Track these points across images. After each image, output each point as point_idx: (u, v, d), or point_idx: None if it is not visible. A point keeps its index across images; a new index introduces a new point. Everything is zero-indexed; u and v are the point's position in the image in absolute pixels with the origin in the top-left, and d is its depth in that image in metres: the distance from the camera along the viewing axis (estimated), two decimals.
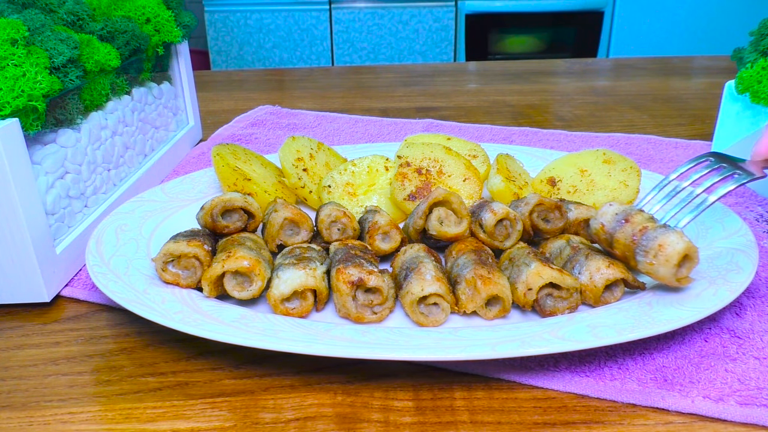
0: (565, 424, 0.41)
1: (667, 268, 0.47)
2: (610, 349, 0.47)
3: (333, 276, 0.50)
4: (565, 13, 3.15)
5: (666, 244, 0.47)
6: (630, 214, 0.52)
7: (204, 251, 0.53)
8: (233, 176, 0.69)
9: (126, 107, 0.74)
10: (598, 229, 0.54)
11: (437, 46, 3.15)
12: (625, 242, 0.51)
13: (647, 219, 0.51)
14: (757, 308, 0.52)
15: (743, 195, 0.74)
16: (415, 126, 1.07)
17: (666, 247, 0.47)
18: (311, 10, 3.05)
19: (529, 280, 0.49)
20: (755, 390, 0.43)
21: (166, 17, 0.83)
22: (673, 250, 0.47)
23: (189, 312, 0.47)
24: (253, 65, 3.12)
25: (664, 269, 0.48)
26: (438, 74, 1.54)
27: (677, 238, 0.47)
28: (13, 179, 0.50)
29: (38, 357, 0.49)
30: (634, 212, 0.52)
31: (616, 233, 0.52)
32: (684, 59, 1.66)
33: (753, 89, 0.72)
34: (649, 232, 0.49)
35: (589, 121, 1.12)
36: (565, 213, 0.59)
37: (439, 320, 0.49)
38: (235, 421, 0.42)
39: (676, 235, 0.48)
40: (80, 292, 0.58)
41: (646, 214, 0.52)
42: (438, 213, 0.58)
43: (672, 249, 0.47)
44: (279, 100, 1.27)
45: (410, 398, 0.44)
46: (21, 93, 0.51)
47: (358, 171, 0.72)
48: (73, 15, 0.66)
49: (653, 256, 0.48)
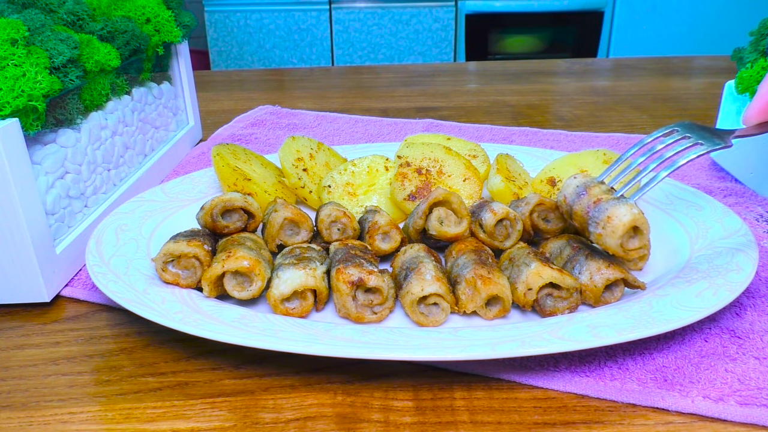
0: (565, 424, 0.41)
1: (613, 239, 0.48)
2: (610, 349, 0.47)
3: (333, 276, 0.50)
4: (565, 13, 3.15)
5: (614, 215, 0.48)
6: (589, 186, 0.53)
7: (204, 251, 0.53)
8: (233, 176, 0.69)
9: (126, 107, 0.74)
10: (561, 202, 0.55)
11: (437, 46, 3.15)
12: (581, 214, 0.52)
13: (605, 191, 0.52)
14: (757, 308, 0.52)
15: (743, 195, 0.74)
16: (415, 126, 1.07)
17: (613, 219, 0.48)
18: (311, 10, 3.05)
19: (529, 280, 0.49)
20: (755, 390, 0.43)
21: (166, 17, 0.83)
22: (619, 221, 0.48)
23: (189, 312, 0.47)
24: (253, 65, 3.13)
25: (610, 240, 0.49)
26: (438, 74, 1.54)
27: (626, 210, 0.48)
28: (13, 179, 0.50)
29: (38, 357, 0.49)
30: (594, 184, 0.53)
31: (575, 205, 0.53)
32: (684, 59, 1.66)
33: (753, 89, 0.72)
34: (601, 204, 0.50)
35: (589, 121, 1.12)
36: None
37: (439, 320, 0.49)
38: (235, 421, 0.42)
39: (626, 206, 0.48)
40: (80, 292, 0.58)
41: (605, 186, 0.53)
42: (438, 213, 0.58)
43: (618, 220, 0.48)
44: (279, 100, 1.27)
45: (410, 398, 0.44)
46: (21, 93, 0.51)
47: (358, 171, 0.72)
48: (73, 15, 0.66)
49: (602, 227, 0.49)
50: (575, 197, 0.53)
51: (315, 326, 0.47)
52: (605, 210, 0.49)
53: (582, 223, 0.52)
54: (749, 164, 0.76)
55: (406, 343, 0.44)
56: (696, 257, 0.55)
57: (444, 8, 3.08)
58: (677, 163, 0.52)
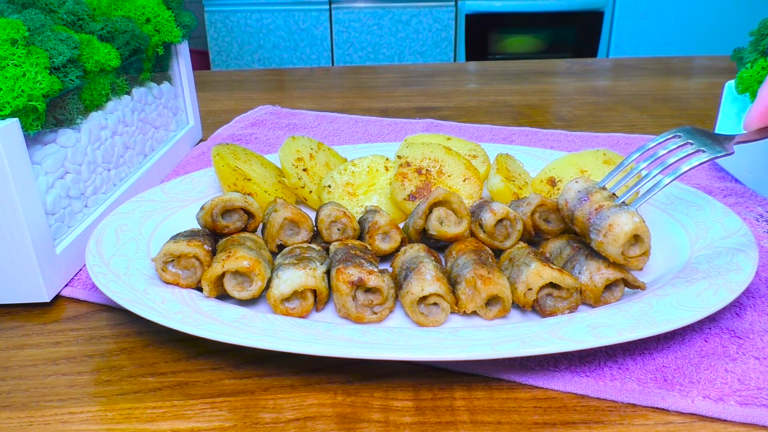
0: (565, 424, 0.41)
1: (614, 247, 0.49)
2: (610, 349, 0.47)
3: (333, 276, 0.50)
4: (565, 13, 3.15)
5: (615, 224, 0.48)
6: (591, 192, 0.53)
7: (204, 251, 0.53)
8: (233, 176, 0.69)
9: (126, 107, 0.74)
10: (563, 206, 0.55)
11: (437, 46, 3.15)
12: (583, 220, 0.52)
13: (606, 197, 0.52)
14: (757, 308, 0.52)
15: (743, 195, 0.74)
16: (415, 126, 1.07)
17: (615, 227, 0.48)
18: (311, 10, 3.05)
19: (529, 280, 0.49)
20: (755, 390, 0.43)
21: (166, 17, 0.83)
22: (620, 230, 0.48)
23: (189, 312, 0.47)
24: (253, 65, 3.13)
25: (611, 248, 0.49)
26: (438, 74, 1.54)
27: (627, 218, 0.48)
28: (13, 179, 0.50)
29: (38, 357, 0.49)
30: (596, 190, 0.53)
31: (576, 211, 0.53)
32: (684, 59, 1.66)
33: (753, 89, 0.72)
34: (603, 211, 0.50)
35: (589, 121, 1.12)
36: None
37: (439, 320, 0.49)
38: (235, 421, 0.42)
39: (628, 215, 0.48)
40: (80, 292, 0.58)
41: (607, 192, 0.53)
42: (438, 213, 0.58)
43: (620, 229, 0.48)
44: (279, 100, 1.27)
45: (410, 398, 0.44)
46: (21, 93, 0.51)
47: (358, 171, 0.72)
48: (73, 15, 0.66)
49: (603, 235, 0.49)
50: (576, 202, 0.53)
51: (315, 326, 0.47)
52: (607, 218, 0.49)
53: (583, 230, 0.52)
54: (749, 164, 0.77)
55: (406, 343, 0.44)
56: (696, 257, 0.55)
57: (444, 8, 3.08)
58: (680, 170, 0.52)
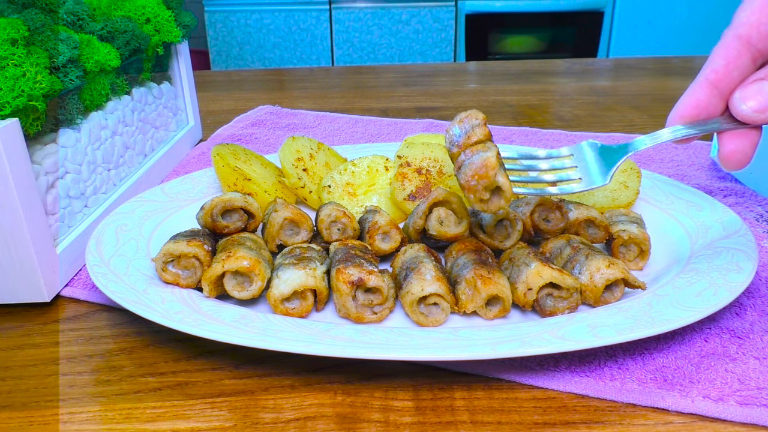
0: (565, 424, 0.41)
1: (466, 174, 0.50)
2: (610, 349, 0.47)
3: (333, 276, 0.50)
4: (565, 13, 3.15)
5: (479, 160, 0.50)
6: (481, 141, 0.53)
7: (204, 251, 0.53)
8: (233, 176, 0.69)
9: (126, 107, 0.74)
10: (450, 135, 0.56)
11: (437, 46, 3.15)
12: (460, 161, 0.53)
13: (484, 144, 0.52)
14: (757, 308, 0.52)
15: (743, 195, 0.74)
16: (415, 126, 1.07)
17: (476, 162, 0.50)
18: (311, 10, 3.05)
19: (529, 280, 0.49)
20: (755, 390, 0.43)
21: (166, 17, 0.83)
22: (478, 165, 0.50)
23: (189, 312, 0.47)
24: (253, 65, 3.13)
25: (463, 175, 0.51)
26: (438, 74, 1.54)
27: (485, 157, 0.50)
28: (13, 179, 0.50)
29: (38, 357, 0.49)
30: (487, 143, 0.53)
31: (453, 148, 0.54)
32: (684, 59, 1.66)
33: None
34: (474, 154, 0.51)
35: (589, 121, 1.12)
36: (566, 213, 0.59)
37: (439, 320, 0.49)
38: (235, 421, 0.42)
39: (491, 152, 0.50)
40: (80, 292, 0.58)
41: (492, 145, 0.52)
42: (438, 213, 0.58)
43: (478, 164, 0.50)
44: (279, 100, 1.27)
45: (410, 398, 0.44)
46: (21, 93, 0.51)
47: (358, 171, 0.72)
48: (73, 15, 0.66)
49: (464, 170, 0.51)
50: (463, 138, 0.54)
51: (315, 326, 0.47)
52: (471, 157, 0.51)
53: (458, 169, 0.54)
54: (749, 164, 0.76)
55: (406, 343, 0.44)
56: (696, 257, 0.55)
57: (444, 8, 3.08)
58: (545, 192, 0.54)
